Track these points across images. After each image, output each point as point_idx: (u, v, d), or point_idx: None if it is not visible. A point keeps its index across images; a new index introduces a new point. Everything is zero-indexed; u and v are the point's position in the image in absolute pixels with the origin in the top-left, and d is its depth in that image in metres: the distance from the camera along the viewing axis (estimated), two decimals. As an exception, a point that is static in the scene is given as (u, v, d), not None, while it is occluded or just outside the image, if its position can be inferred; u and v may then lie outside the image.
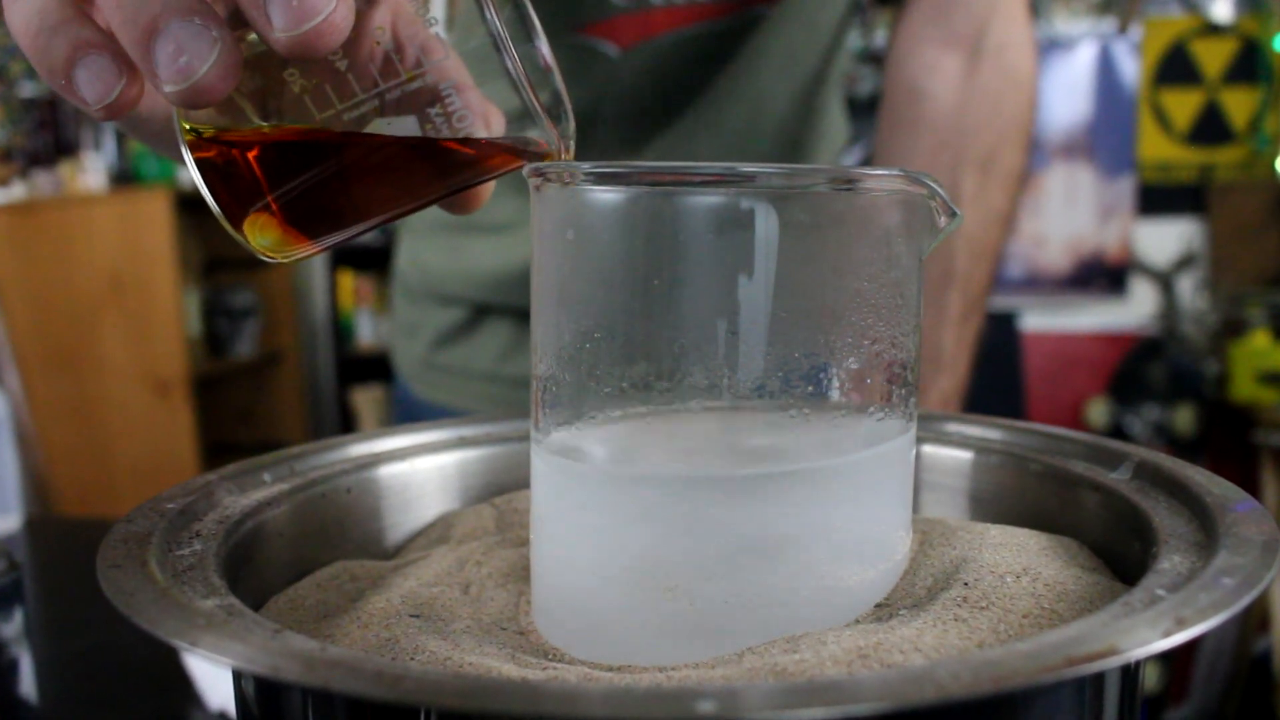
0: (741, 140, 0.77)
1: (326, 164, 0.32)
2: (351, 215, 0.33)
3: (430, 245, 0.86)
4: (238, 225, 0.32)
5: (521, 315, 0.81)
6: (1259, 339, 2.37)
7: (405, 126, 0.31)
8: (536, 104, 0.32)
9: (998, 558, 0.32)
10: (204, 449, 2.59)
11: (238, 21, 0.29)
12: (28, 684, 0.49)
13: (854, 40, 2.44)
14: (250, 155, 0.31)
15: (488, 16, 0.30)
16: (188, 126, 0.31)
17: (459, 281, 0.83)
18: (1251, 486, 2.25)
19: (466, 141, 0.32)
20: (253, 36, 0.29)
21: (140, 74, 0.29)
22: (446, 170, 0.33)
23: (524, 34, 0.32)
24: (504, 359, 0.83)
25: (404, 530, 0.41)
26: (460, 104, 0.31)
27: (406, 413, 0.90)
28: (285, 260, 0.34)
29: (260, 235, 0.32)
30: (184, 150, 0.31)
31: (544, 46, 0.33)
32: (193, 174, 0.31)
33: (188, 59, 0.27)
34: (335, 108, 0.31)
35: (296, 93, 0.30)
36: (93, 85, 0.29)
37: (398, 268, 0.92)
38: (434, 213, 0.37)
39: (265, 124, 0.31)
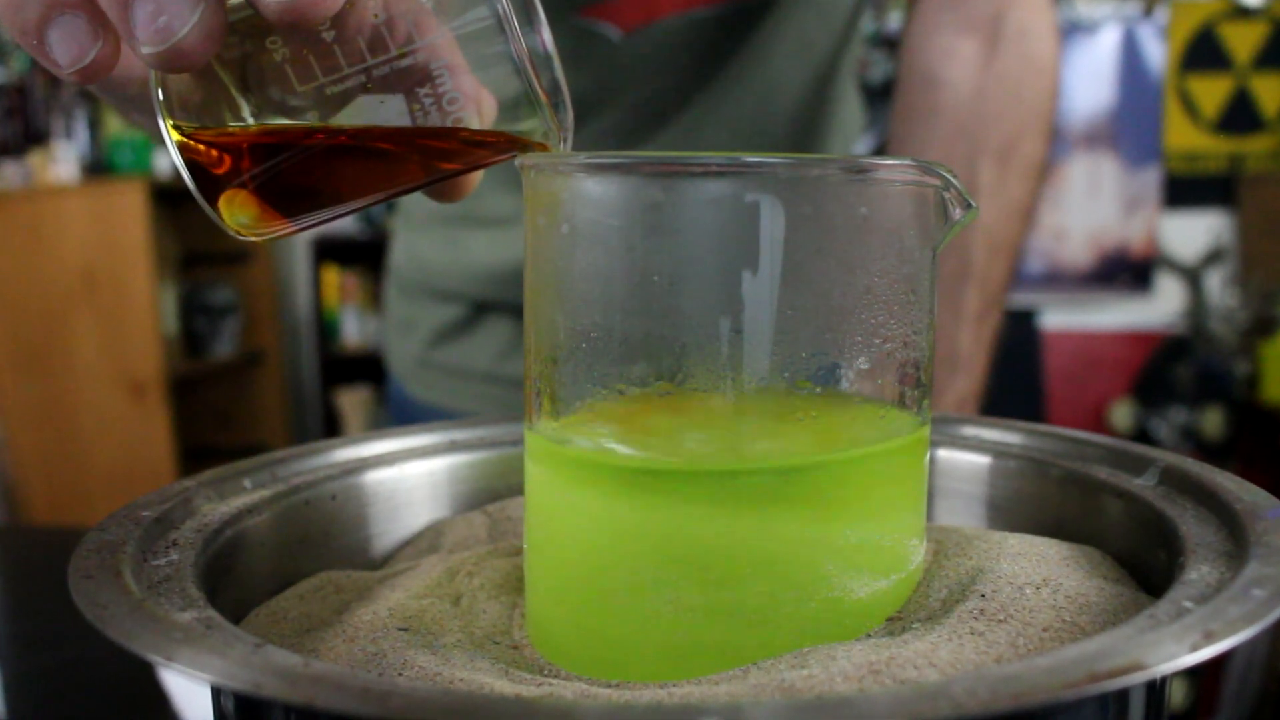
0: (751, 130, 0.77)
1: (308, 143, 0.32)
2: (332, 196, 0.33)
3: (427, 239, 0.86)
4: (213, 201, 0.32)
5: (522, 313, 0.81)
6: (1291, 338, 2.37)
7: (393, 105, 0.31)
8: (539, 88, 0.32)
9: (1016, 568, 0.32)
10: (181, 453, 2.59)
11: None
12: (-4, 701, 0.49)
13: (867, 24, 2.45)
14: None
15: None
16: (171, 123, 0.31)
17: (457, 277, 0.83)
18: (1284, 493, 2.25)
19: (456, 128, 0.32)
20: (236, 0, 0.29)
21: (117, 36, 0.29)
22: (435, 156, 0.33)
23: (524, 16, 0.32)
24: (503, 358, 0.83)
25: (392, 539, 0.41)
26: (452, 86, 0.31)
27: (400, 413, 0.91)
28: (261, 239, 0.34)
29: (237, 212, 0.32)
30: (160, 119, 0.31)
31: (545, 30, 0.33)
32: (168, 145, 0.32)
33: (167, 19, 0.27)
34: (318, 80, 0.31)
35: (278, 62, 0.30)
36: (66, 46, 0.29)
37: (392, 262, 0.92)
38: (431, 205, 0.37)
39: (244, 97, 0.31)
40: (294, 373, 3.17)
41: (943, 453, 0.42)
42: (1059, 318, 2.70)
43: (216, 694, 0.29)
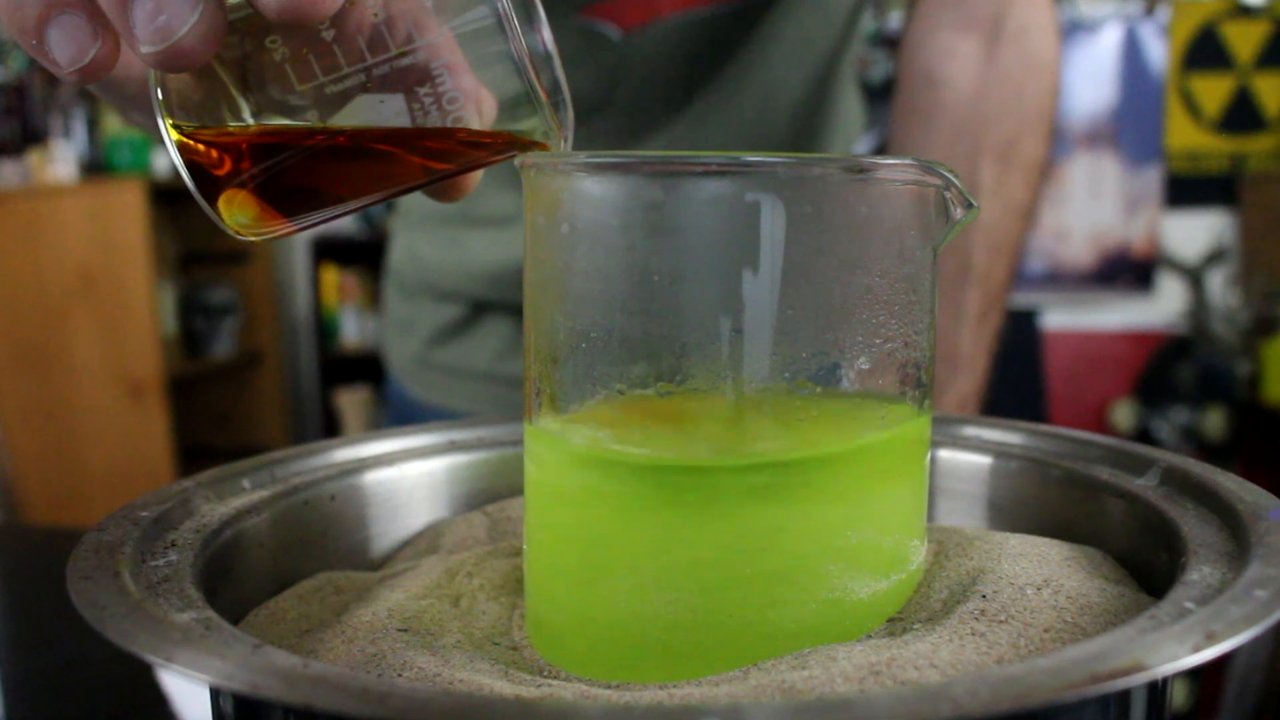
0: (752, 129, 0.77)
1: (307, 143, 0.32)
2: (332, 196, 0.33)
3: (427, 238, 0.86)
4: (213, 201, 0.32)
5: (521, 313, 0.81)
6: (1293, 338, 2.37)
7: (392, 105, 0.31)
8: (539, 87, 0.32)
9: (1017, 569, 0.32)
10: (180, 454, 2.59)
11: None
12: (-6, 702, 0.49)
13: (867, 23, 2.44)
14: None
15: None
16: (171, 123, 0.31)
17: (457, 276, 0.84)
18: (1285, 494, 2.24)
19: (457, 129, 0.32)
20: None
21: (116, 35, 0.29)
22: (434, 156, 0.33)
23: (524, 15, 0.32)
24: (503, 358, 0.83)
25: (391, 540, 0.41)
26: (451, 86, 0.31)
27: (400, 413, 0.91)
28: (260, 239, 0.34)
29: (236, 212, 0.32)
30: (160, 119, 0.31)
31: (545, 30, 0.33)
32: (168, 145, 0.32)
33: (167, 18, 0.27)
34: (318, 79, 0.31)
35: (278, 61, 0.30)
36: (65, 46, 0.29)
37: (391, 262, 0.92)
38: (431, 204, 0.37)
39: (243, 96, 0.31)
40: (293, 373, 3.17)
41: (944, 453, 0.42)
42: (1060, 317, 2.70)
43: (215, 695, 0.29)
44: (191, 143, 0.31)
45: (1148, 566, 0.33)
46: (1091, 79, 2.63)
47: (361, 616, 0.32)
